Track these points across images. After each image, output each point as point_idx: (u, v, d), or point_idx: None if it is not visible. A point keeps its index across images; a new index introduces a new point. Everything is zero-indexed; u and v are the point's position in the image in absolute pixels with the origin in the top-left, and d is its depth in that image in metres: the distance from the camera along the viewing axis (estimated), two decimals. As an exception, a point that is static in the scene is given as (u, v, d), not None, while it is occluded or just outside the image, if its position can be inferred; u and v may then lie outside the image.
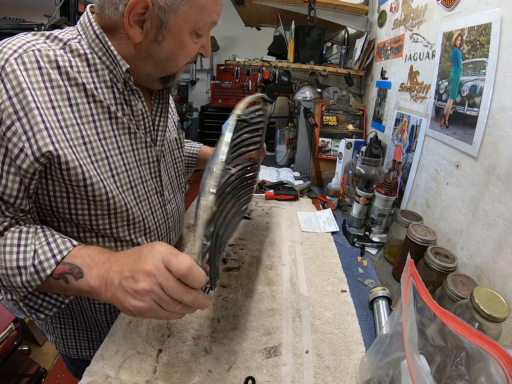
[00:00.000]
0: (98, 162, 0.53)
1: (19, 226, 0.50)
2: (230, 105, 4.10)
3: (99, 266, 0.45)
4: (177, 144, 0.76)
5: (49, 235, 0.49)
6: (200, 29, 0.54)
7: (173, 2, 0.48)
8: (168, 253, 0.40)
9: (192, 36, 0.54)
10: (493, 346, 0.30)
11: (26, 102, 0.45)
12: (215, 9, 0.54)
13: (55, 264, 0.46)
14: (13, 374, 1.27)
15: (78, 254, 0.47)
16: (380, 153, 1.04)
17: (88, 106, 0.52)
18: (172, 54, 0.54)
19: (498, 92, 0.60)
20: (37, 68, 0.46)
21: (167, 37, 0.51)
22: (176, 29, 0.51)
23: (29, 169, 0.46)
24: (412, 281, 0.40)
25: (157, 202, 0.66)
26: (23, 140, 0.45)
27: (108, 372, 0.49)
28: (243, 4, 1.43)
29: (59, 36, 0.51)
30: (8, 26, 1.55)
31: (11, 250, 0.47)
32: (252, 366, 0.51)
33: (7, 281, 0.47)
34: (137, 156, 0.60)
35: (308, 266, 0.78)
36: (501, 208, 0.59)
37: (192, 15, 0.51)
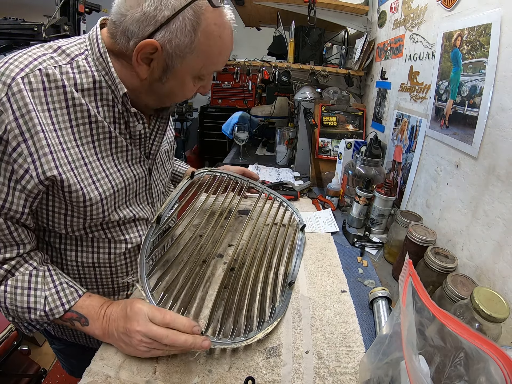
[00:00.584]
0: (100, 181, 0.56)
1: (27, 267, 0.54)
2: (230, 105, 4.10)
3: (100, 319, 0.53)
4: (167, 156, 0.78)
5: (56, 281, 0.55)
6: (203, 75, 0.57)
7: (181, 50, 0.50)
8: (151, 310, 0.50)
9: (194, 80, 0.57)
10: (492, 347, 0.30)
11: (32, 124, 0.46)
12: (221, 60, 0.57)
13: (63, 312, 0.53)
14: (13, 374, 1.27)
15: (84, 305, 0.54)
16: (380, 153, 1.04)
17: (88, 126, 0.53)
18: (172, 93, 0.57)
19: (498, 92, 0.60)
20: (42, 89, 0.47)
21: (170, 79, 0.54)
22: (180, 73, 0.54)
23: (33, 189, 0.48)
24: (410, 282, 0.40)
25: (150, 213, 0.71)
26: (28, 161, 0.46)
27: (108, 372, 0.49)
28: (243, 4, 1.43)
29: (66, 51, 0.52)
30: (8, 26, 1.55)
31: (22, 293, 0.52)
32: (252, 366, 0.51)
33: (15, 314, 0.53)
34: (134, 171, 0.63)
35: (308, 266, 0.78)
36: (501, 208, 0.59)
37: (197, 64, 0.53)
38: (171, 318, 0.50)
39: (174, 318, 0.50)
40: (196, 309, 0.62)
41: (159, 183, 0.73)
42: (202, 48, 0.51)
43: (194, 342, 0.48)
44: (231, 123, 1.78)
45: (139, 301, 0.52)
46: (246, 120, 1.82)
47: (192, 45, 0.50)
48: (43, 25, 1.62)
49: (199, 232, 0.83)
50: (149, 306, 0.51)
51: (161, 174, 0.74)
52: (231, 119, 1.83)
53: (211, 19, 0.50)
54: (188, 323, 0.50)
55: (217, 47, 0.54)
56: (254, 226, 0.87)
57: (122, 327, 0.50)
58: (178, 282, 0.64)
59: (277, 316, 0.60)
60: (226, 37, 0.54)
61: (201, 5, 0.49)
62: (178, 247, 0.75)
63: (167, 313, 0.50)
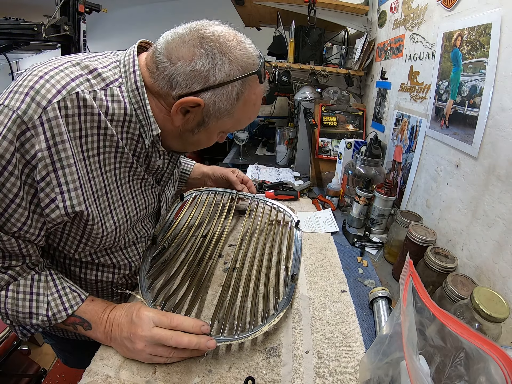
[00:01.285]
0: (116, 210, 0.56)
1: (30, 272, 0.53)
2: (230, 105, 4.08)
3: (103, 324, 0.52)
4: (174, 178, 0.79)
5: (59, 285, 0.54)
6: (229, 132, 0.61)
7: (220, 112, 0.52)
8: (157, 316, 0.50)
9: (219, 135, 0.60)
10: (492, 347, 0.30)
11: (66, 155, 0.44)
12: (247, 123, 0.61)
13: (66, 317, 0.52)
14: (13, 374, 1.27)
15: (87, 310, 0.54)
16: (380, 153, 1.04)
17: (114, 155, 0.53)
18: (198, 143, 0.60)
19: (498, 92, 0.60)
20: (77, 114, 0.45)
21: (201, 132, 0.56)
22: (211, 130, 0.56)
23: (57, 219, 0.47)
24: (411, 282, 0.40)
25: (152, 231, 0.73)
26: (56, 192, 0.45)
27: (108, 372, 0.49)
28: (243, 4, 1.43)
29: (102, 75, 0.49)
30: (8, 26, 1.55)
31: (24, 298, 0.51)
32: (252, 366, 0.51)
33: (15, 319, 0.52)
34: (146, 197, 0.64)
35: (308, 266, 0.78)
36: (501, 208, 0.59)
37: (229, 124, 0.56)
38: (178, 321, 0.50)
39: (182, 320, 0.50)
40: (197, 310, 0.62)
41: (164, 204, 0.74)
42: (238, 112, 0.54)
43: (199, 342, 0.48)
44: (231, 123, 1.78)
45: (146, 308, 0.52)
46: (246, 120, 1.81)
47: (232, 110, 0.53)
48: (43, 25, 1.62)
49: (198, 233, 0.83)
50: (155, 311, 0.51)
51: (167, 195, 0.75)
52: (231, 119, 1.83)
53: (253, 89, 0.53)
54: (196, 324, 0.50)
55: (250, 113, 0.57)
56: (251, 227, 0.88)
57: (126, 332, 0.50)
58: (179, 285, 0.64)
59: (283, 308, 0.59)
60: (258, 104, 0.57)
61: (251, 78, 0.51)
62: (178, 251, 0.75)
63: (174, 316, 0.51)
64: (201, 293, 0.64)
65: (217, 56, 0.47)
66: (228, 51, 0.48)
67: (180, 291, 0.63)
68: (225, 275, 0.70)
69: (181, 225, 0.84)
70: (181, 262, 0.70)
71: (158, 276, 0.66)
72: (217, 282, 0.70)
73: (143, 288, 0.60)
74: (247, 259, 0.76)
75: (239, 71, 0.49)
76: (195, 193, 0.98)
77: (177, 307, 0.58)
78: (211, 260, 0.73)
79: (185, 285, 0.64)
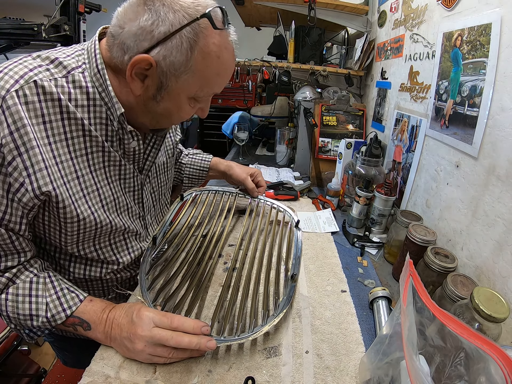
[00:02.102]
0: (90, 195, 0.56)
1: (28, 274, 0.53)
2: (230, 105, 4.09)
3: (102, 324, 0.52)
4: (164, 168, 0.77)
5: (57, 287, 0.54)
6: (200, 97, 0.54)
7: (176, 68, 0.48)
8: (158, 317, 0.50)
9: (190, 102, 0.55)
10: (492, 347, 0.30)
11: (28, 139, 0.45)
12: (219, 82, 0.54)
13: (66, 317, 0.52)
14: (13, 374, 1.27)
15: (86, 310, 0.53)
16: (380, 153, 1.04)
17: (82, 139, 0.53)
18: (167, 113, 0.55)
19: (498, 92, 0.60)
20: (37, 101, 0.46)
21: (164, 98, 0.52)
22: (174, 93, 0.51)
23: (28, 202, 0.48)
24: (411, 282, 0.40)
25: (140, 226, 0.71)
26: (23, 175, 0.46)
27: (108, 372, 0.49)
28: (243, 4, 1.43)
29: (64, 63, 0.50)
30: (8, 26, 1.54)
31: (23, 300, 0.51)
32: (252, 366, 0.51)
33: (17, 322, 0.52)
34: (123, 184, 0.62)
35: (308, 266, 0.78)
36: (501, 208, 0.59)
37: (193, 84, 0.51)
38: (179, 322, 0.50)
39: (182, 321, 0.50)
40: (197, 310, 0.62)
41: (150, 196, 0.73)
42: (198, 68, 0.49)
43: (199, 342, 0.48)
44: (231, 123, 1.78)
45: (146, 308, 0.52)
46: (246, 120, 1.82)
47: (188, 63, 0.48)
48: (43, 25, 1.62)
49: (198, 233, 0.83)
50: (155, 312, 0.51)
51: (153, 187, 0.73)
52: (231, 119, 1.83)
53: (211, 38, 0.48)
54: (196, 324, 0.50)
55: (215, 68, 0.51)
56: (251, 227, 0.88)
57: (126, 332, 0.50)
58: (179, 285, 0.64)
59: (283, 308, 0.59)
60: (225, 58, 0.51)
61: (201, 23, 0.47)
62: (178, 251, 0.75)
63: (174, 317, 0.50)
64: (201, 293, 0.64)
65: (160, 8, 0.45)
66: (173, 2, 0.46)
67: (180, 291, 0.63)
68: (225, 275, 0.70)
69: (181, 225, 0.84)
70: (181, 262, 0.70)
71: (158, 276, 0.66)
72: (217, 282, 0.70)
73: (143, 288, 0.60)
74: (247, 259, 0.76)
75: (186, 18, 0.46)
76: (195, 193, 0.98)
77: (177, 307, 0.58)
78: (211, 260, 0.73)
79: (185, 285, 0.64)
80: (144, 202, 0.70)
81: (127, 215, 0.65)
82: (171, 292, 0.62)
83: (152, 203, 0.75)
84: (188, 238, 0.79)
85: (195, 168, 0.99)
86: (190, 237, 0.80)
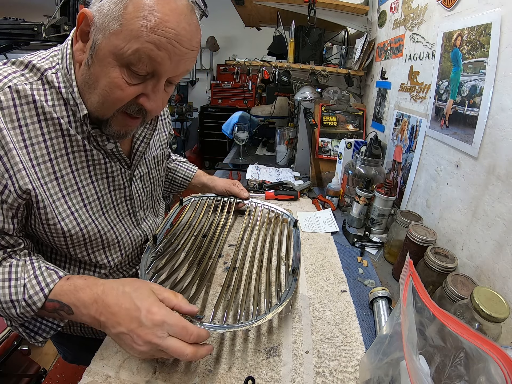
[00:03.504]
0: (70, 195, 0.54)
1: (10, 260, 0.51)
2: (230, 105, 4.09)
3: (86, 307, 0.46)
4: (155, 163, 0.75)
5: (36, 267, 0.51)
6: (132, 63, 0.44)
7: (106, 21, 0.43)
8: (177, 328, 0.43)
9: (123, 72, 0.45)
10: (492, 347, 0.30)
11: (5, 142, 0.45)
12: (155, 41, 0.43)
13: (44, 298, 0.48)
14: (13, 374, 1.27)
15: (63, 291, 0.48)
16: (380, 153, 1.04)
17: (62, 139, 0.52)
18: (99, 85, 0.47)
19: (498, 92, 0.60)
20: (12, 106, 0.47)
21: (95, 62, 0.46)
22: (101, 53, 0.45)
23: (13, 203, 0.48)
24: (411, 282, 0.40)
25: (131, 223, 0.69)
26: (5, 177, 0.46)
27: (108, 372, 0.49)
28: (243, 4, 1.43)
29: (37, 65, 0.50)
30: (8, 26, 1.54)
31: (3, 285, 0.48)
32: (252, 366, 0.51)
33: (4, 313, 0.50)
34: (110, 182, 0.61)
35: (308, 266, 0.78)
36: (501, 208, 0.59)
37: (120, 40, 0.43)
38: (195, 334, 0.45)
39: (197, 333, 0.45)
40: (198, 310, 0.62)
41: (142, 192, 0.71)
42: (128, 17, 0.42)
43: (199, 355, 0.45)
44: (231, 123, 1.78)
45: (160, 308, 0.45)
46: (246, 120, 1.82)
47: (116, 13, 0.42)
48: (43, 25, 1.62)
49: (198, 233, 0.83)
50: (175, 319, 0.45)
51: (145, 183, 0.72)
52: (231, 119, 1.83)
53: None
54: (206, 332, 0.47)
55: (146, 19, 0.42)
56: (250, 226, 0.88)
57: (127, 329, 0.44)
58: (179, 285, 0.64)
59: (286, 298, 0.59)
60: (164, 12, 0.42)
61: None
62: (178, 251, 0.75)
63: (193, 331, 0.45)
64: (201, 292, 0.64)
65: None
66: None
67: (180, 291, 0.63)
68: (225, 275, 0.70)
69: (181, 225, 0.84)
70: (181, 262, 0.70)
71: (158, 276, 0.66)
72: (217, 282, 0.70)
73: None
74: (247, 258, 0.76)
75: None
76: (194, 199, 0.99)
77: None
78: (211, 260, 0.73)
79: (186, 285, 0.64)
80: (134, 199, 0.68)
81: (114, 213, 0.64)
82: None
83: (146, 199, 0.73)
84: (188, 238, 0.79)
85: (179, 175, 0.99)
86: (190, 237, 0.80)
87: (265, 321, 0.53)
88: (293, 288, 0.63)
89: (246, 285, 0.65)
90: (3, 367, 1.21)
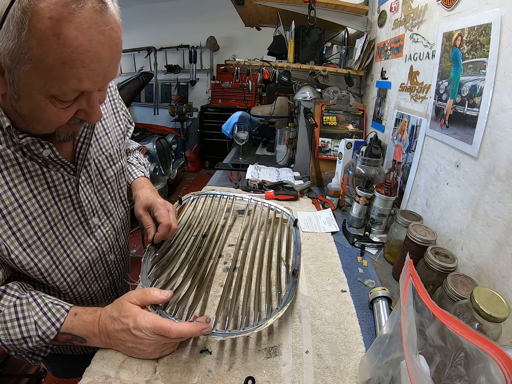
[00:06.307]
0: (11, 214, 0.50)
1: (11, 299, 0.52)
2: (230, 105, 4.10)
3: (97, 336, 0.53)
4: (109, 162, 0.69)
5: (41, 303, 0.53)
6: (60, 95, 0.43)
7: (12, 59, 0.38)
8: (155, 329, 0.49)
9: (53, 101, 0.44)
10: (492, 346, 0.30)
11: None
12: (72, 74, 0.40)
13: (56, 331, 0.52)
14: (13, 374, 1.27)
15: (74, 326, 0.53)
16: (380, 153, 1.04)
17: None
18: (32, 114, 0.46)
19: (498, 92, 0.60)
20: None
21: (21, 97, 0.43)
22: (24, 90, 0.42)
23: None
24: (411, 282, 0.40)
25: (83, 233, 0.64)
26: None
27: (108, 372, 0.49)
28: (243, 4, 1.43)
29: None
30: None
31: (12, 325, 0.51)
32: (252, 366, 0.51)
33: (15, 348, 0.53)
34: (54, 193, 0.57)
35: (308, 266, 0.78)
36: (501, 208, 0.59)
37: (38, 79, 0.40)
38: (176, 332, 0.49)
39: (180, 330, 0.49)
40: (200, 310, 0.62)
41: (93, 197, 0.66)
42: (35, 55, 0.38)
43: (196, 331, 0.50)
44: (231, 123, 1.78)
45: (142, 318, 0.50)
46: (246, 120, 1.82)
47: (21, 50, 0.37)
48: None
49: (198, 233, 0.83)
50: (151, 322, 0.50)
51: (97, 186, 0.67)
52: (231, 119, 1.83)
53: (45, 12, 0.36)
54: (196, 329, 0.50)
55: (55, 53, 0.38)
56: (250, 226, 0.88)
57: (131, 341, 0.51)
58: (180, 285, 0.64)
59: (287, 302, 0.59)
60: (71, 36, 0.37)
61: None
62: (178, 251, 0.75)
63: (172, 327, 0.49)
64: (202, 292, 0.64)
65: None
66: None
67: (181, 291, 0.63)
68: (225, 275, 0.70)
69: (181, 226, 0.84)
70: (182, 262, 0.70)
71: (159, 277, 0.66)
72: (217, 282, 0.70)
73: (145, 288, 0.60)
74: (247, 258, 0.76)
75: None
76: (193, 197, 0.99)
77: (178, 306, 0.58)
78: (212, 260, 0.73)
79: (186, 285, 0.64)
80: (84, 206, 0.63)
81: (64, 224, 0.60)
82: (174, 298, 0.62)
83: (101, 203, 0.68)
84: (188, 238, 0.79)
85: None
86: (190, 237, 0.80)
87: (266, 326, 0.53)
88: (294, 291, 0.63)
89: (247, 285, 0.65)
90: (3, 367, 1.21)
